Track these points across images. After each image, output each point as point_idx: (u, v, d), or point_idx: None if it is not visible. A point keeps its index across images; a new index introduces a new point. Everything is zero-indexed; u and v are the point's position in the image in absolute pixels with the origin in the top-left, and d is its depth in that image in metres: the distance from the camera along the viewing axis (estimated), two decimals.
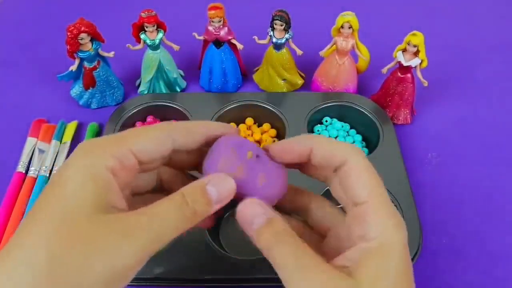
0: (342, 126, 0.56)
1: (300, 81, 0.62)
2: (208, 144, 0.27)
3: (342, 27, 0.54)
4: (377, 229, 0.23)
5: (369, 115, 0.55)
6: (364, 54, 0.57)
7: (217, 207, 0.24)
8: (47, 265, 0.19)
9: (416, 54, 0.52)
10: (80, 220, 0.21)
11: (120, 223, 0.21)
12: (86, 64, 0.56)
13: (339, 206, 0.28)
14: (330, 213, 0.28)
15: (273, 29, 0.55)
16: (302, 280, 0.21)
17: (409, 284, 0.22)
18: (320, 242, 0.28)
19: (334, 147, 0.25)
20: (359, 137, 0.55)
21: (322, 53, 0.58)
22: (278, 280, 0.42)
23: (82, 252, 0.20)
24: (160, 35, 0.56)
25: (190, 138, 0.26)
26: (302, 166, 0.28)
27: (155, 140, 0.25)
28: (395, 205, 0.45)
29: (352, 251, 0.23)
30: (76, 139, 0.56)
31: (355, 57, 0.58)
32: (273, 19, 0.54)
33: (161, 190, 0.30)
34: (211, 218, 0.28)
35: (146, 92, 0.60)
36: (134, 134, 0.24)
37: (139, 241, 0.21)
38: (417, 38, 0.51)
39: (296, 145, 0.26)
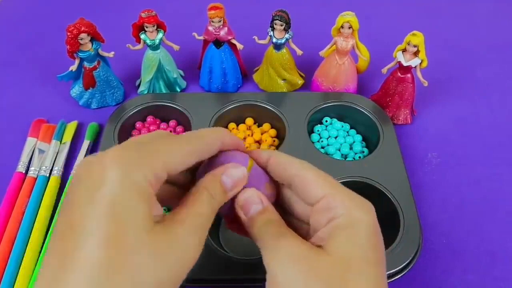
0: (342, 126, 0.56)
1: (300, 81, 0.62)
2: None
3: (342, 27, 0.54)
4: (343, 207, 0.25)
5: (369, 115, 0.55)
6: (364, 54, 0.56)
7: (231, 195, 0.27)
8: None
9: (416, 54, 0.52)
10: (137, 235, 0.20)
11: (174, 232, 0.22)
12: (86, 64, 0.56)
13: None
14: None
15: (273, 29, 0.55)
16: (281, 249, 0.24)
17: (378, 255, 0.24)
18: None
19: (286, 162, 0.28)
20: (359, 137, 0.55)
21: (322, 53, 0.58)
22: None
23: (145, 271, 0.20)
24: (160, 35, 0.56)
25: (209, 151, 0.27)
26: None
27: (186, 154, 0.25)
28: (395, 205, 0.45)
29: (323, 231, 0.25)
30: (76, 139, 0.56)
31: (355, 57, 0.58)
32: (273, 19, 0.54)
33: None
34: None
35: (146, 92, 0.60)
36: (168, 147, 0.24)
37: (192, 245, 0.23)
38: (417, 38, 0.51)
39: (259, 154, 0.29)
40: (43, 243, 0.45)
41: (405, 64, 0.53)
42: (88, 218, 0.20)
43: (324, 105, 0.56)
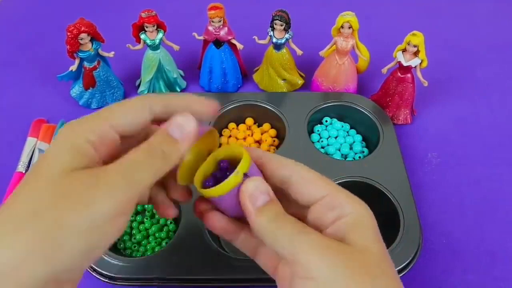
0: (342, 126, 0.56)
1: (300, 81, 0.62)
2: None
3: (342, 27, 0.54)
4: (348, 205, 0.26)
5: (369, 115, 0.55)
6: (364, 54, 0.56)
7: (184, 144, 0.26)
8: (28, 221, 0.21)
9: (416, 54, 0.52)
10: (56, 177, 0.22)
11: (93, 175, 0.22)
12: (86, 64, 0.56)
13: None
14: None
15: (273, 29, 0.55)
16: (305, 241, 0.24)
17: (382, 245, 0.26)
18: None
19: (281, 164, 0.28)
20: (359, 137, 0.55)
21: (322, 53, 0.58)
22: None
23: (57, 207, 0.21)
24: (160, 35, 0.56)
25: (169, 109, 0.26)
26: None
27: (132, 110, 0.25)
28: (395, 205, 0.45)
29: (333, 228, 0.26)
30: None
31: (355, 57, 0.58)
32: (273, 19, 0.54)
33: None
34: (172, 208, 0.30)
35: (146, 92, 0.60)
36: (112, 109, 0.25)
37: (113, 187, 0.22)
38: (417, 38, 0.51)
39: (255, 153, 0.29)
40: None
41: (405, 64, 0.53)
42: (29, 172, 0.23)
43: (324, 105, 0.56)
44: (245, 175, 0.26)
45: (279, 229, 0.25)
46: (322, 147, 0.54)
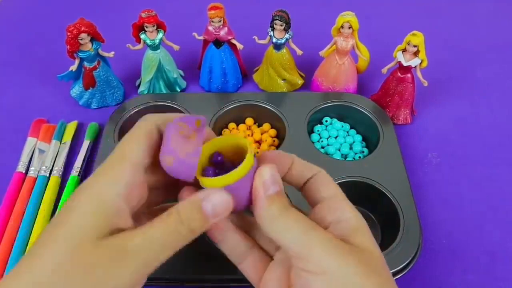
0: (342, 126, 0.56)
1: (300, 81, 0.62)
2: None
3: (342, 27, 0.54)
4: (348, 213, 0.27)
5: (369, 115, 0.55)
6: (364, 54, 0.56)
7: (214, 221, 0.25)
8: None
9: (416, 54, 0.52)
10: (82, 246, 0.22)
11: (118, 247, 0.23)
12: (86, 64, 0.56)
13: None
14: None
15: (273, 29, 0.55)
16: (318, 239, 0.24)
17: (379, 249, 0.27)
18: None
19: (307, 164, 0.30)
20: (359, 137, 0.55)
21: (322, 53, 0.58)
22: None
23: (81, 279, 0.22)
24: (160, 35, 0.56)
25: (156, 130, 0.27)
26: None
27: (143, 138, 0.26)
28: (395, 205, 0.45)
29: (336, 229, 0.26)
30: (76, 139, 0.56)
31: (355, 57, 0.58)
32: (273, 19, 0.54)
33: None
34: None
35: (146, 92, 0.60)
36: (133, 145, 0.26)
37: (134, 264, 0.23)
38: (417, 38, 0.51)
39: (283, 158, 0.29)
40: None
41: (405, 64, 0.53)
42: (54, 235, 0.23)
43: (324, 105, 0.56)
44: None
45: (290, 222, 0.25)
46: (322, 147, 0.54)
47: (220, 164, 0.27)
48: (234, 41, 0.58)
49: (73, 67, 0.55)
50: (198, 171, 0.25)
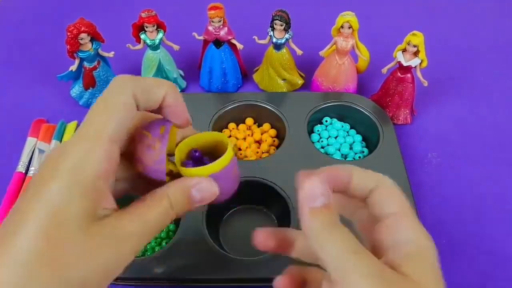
0: (342, 126, 0.56)
1: (300, 81, 0.62)
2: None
3: (342, 27, 0.54)
4: (410, 235, 0.24)
5: (369, 115, 0.55)
6: (364, 54, 0.56)
7: (195, 207, 0.26)
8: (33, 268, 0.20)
9: (416, 54, 0.52)
10: (71, 232, 0.21)
11: (112, 234, 0.22)
12: (86, 64, 0.56)
13: None
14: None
15: (273, 29, 0.55)
16: (358, 265, 0.22)
17: (442, 284, 0.24)
18: None
19: (369, 173, 0.26)
20: (359, 137, 0.55)
21: (322, 53, 0.58)
22: None
23: (73, 267, 0.21)
24: (160, 35, 0.56)
25: (152, 101, 0.25)
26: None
27: (120, 114, 0.24)
28: None
29: (390, 254, 0.24)
30: None
31: (355, 57, 0.58)
32: (273, 19, 0.54)
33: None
34: None
35: None
36: (97, 120, 0.23)
37: (128, 248, 0.23)
38: (417, 38, 0.51)
39: (340, 171, 0.26)
40: None
41: (405, 64, 0.53)
42: (31, 210, 0.21)
43: (324, 105, 0.56)
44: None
45: (332, 240, 0.23)
46: (322, 147, 0.54)
47: (199, 159, 0.28)
48: (234, 41, 0.58)
49: (73, 67, 0.55)
50: (178, 165, 0.27)
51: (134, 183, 0.27)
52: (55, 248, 0.21)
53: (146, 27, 0.55)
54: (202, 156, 0.28)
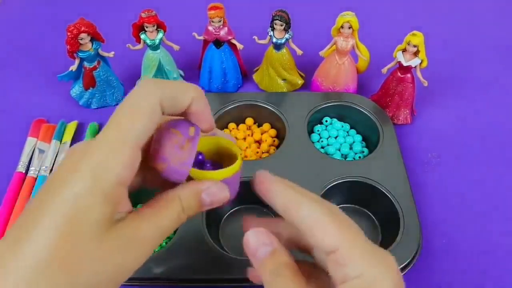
0: (342, 126, 0.56)
1: (300, 81, 0.62)
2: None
3: (342, 27, 0.54)
4: (358, 265, 0.22)
5: (369, 115, 0.55)
6: (364, 54, 0.56)
7: (205, 209, 0.26)
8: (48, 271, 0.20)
9: (416, 54, 0.52)
10: (87, 238, 0.21)
11: (126, 238, 0.22)
12: (86, 64, 0.56)
13: None
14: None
15: (273, 29, 0.55)
16: None
17: None
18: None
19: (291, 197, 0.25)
20: (359, 137, 0.55)
21: (322, 53, 0.58)
22: None
23: (86, 273, 0.21)
24: (160, 35, 0.56)
25: (178, 107, 0.25)
26: None
27: (146, 119, 0.23)
28: (395, 205, 0.45)
29: None
30: (76, 139, 0.56)
31: (355, 57, 0.58)
32: (273, 19, 0.54)
33: None
34: None
35: None
36: (124, 124, 0.23)
37: (141, 251, 0.23)
38: (417, 38, 0.51)
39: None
40: None
41: (405, 64, 0.53)
42: (48, 210, 0.21)
43: (324, 105, 0.56)
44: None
45: (280, 284, 0.23)
46: (322, 147, 0.54)
47: (201, 162, 0.28)
48: (234, 41, 0.58)
49: (73, 67, 0.55)
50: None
51: (146, 176, 0.27)
52: (70, 253, 0.20)
53: (146, 27, 0.55)
54: (204, 160, 0.28)
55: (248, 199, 0.49)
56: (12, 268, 0.20)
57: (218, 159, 0.28)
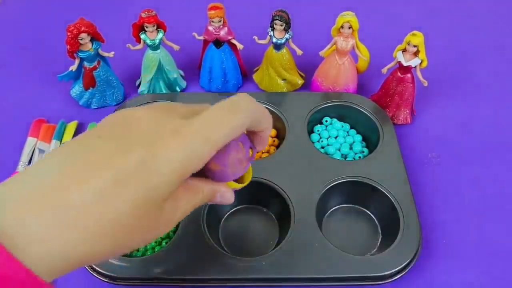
0: (342, 126, 0.56)
1: (300, 81, 0.62)
2: None
3: (342, 27, 0.54)
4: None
5: (369, 115, 0.55)
6: (364, 54, 0.56)
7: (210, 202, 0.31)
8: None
9: (416, 54, 0.52)
10: (151, 210, 0.24)
11: (166, 218, 0.26)
12: (86, 64, 0.56)
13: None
14: None
15: (273, 29, 0.55)
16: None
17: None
18: None
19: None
20: (359, 137, 0.55)
21: (322, 53, 0.58)
22: (277, 280, 0.42)
23: (134, 241, 0.25)
24: (160, 35, 0.56)
25: (255, 129, 0.30)
26: None
27: (234, 134, 0.27)
28: (395, 205, 0.45)
29: None
30: None
31: (355, 57, 0.58)
32: (273, 19, 0.54)
33: None
34: None
35: (146, 92, 0.60)
36: (227, 131, 0.27)
37: (165, 229, 0.27)
38: (417, 38, 0.51)
39: None
40: None
41: (405, 64, 0.53)
42: (138, 171, 0.24)
43: (324, 105, 0.56)
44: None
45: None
46: (322, 147, 0.54)
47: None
48: (234, 41, 0.58)
49: (73, 67, 0.55)
50: None
51: None
52: (138, 219, 0.23)
53: (146, 27, 0.55)
54: None
55: (248, 199, 0.49)
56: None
57: None
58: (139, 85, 0.62)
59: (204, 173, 0.30)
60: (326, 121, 0.56)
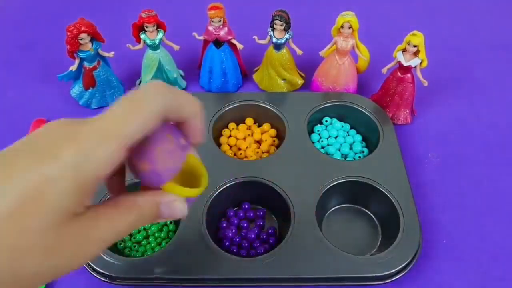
0: (342, 126, 0.56)
1: (300, 81, 0.62)
2: None
3: (342, 27, 0.54)
4: None
5: (369, 115, 0.55)
6: (364, 54, 0.56)
7: (160, 221, 0.26)
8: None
9: (416, 54, 0.52)
10: (44, 223, 0.20)
11: (80, 235, 0.22)
12: (86, 64, 0.56)
13: None
14: None
15: (273, 29, 0.55)
16: None
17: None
18: None
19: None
20: (359, 137, 0.55)
21: (322, 53, 0.58)
22: (277, 280, 0.42)
23: (30, 262, 0.20)
24: (160, 35, 0.56)
25: (177, 119, 0.25)
26: None
27: (147, 123, 0.23)
28: (395, 205, 0.45)
29: None
30: None
31: (355, 57, 0.58)
32: (273, 19, 0.54)
33: None
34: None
35: None
36: (123, 123, 0.22)
37: (94, 249, 0.23)
38: (417, 38, 0.51)
39: None
40: None
41: (405, 64, 0.53)
42: (16, 181, 0.20)
43: (324, 105, 0.56)
44: None
45: None
46: (322, 147, 0.54)
47: None
48: (234, 41, 0.58)
49: (73, 67, 0.55)
50: None
51: (113, 178, 0.27)
52: (20, 234, 0.20)
53: (146, 27, 0.55)
54: None
55: (248, 199, 0.49)
56: None
57: (182, 175, 0.27)
58: (139, 85, 0.62)
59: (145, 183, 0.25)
60: (326, 121, 0.56)
